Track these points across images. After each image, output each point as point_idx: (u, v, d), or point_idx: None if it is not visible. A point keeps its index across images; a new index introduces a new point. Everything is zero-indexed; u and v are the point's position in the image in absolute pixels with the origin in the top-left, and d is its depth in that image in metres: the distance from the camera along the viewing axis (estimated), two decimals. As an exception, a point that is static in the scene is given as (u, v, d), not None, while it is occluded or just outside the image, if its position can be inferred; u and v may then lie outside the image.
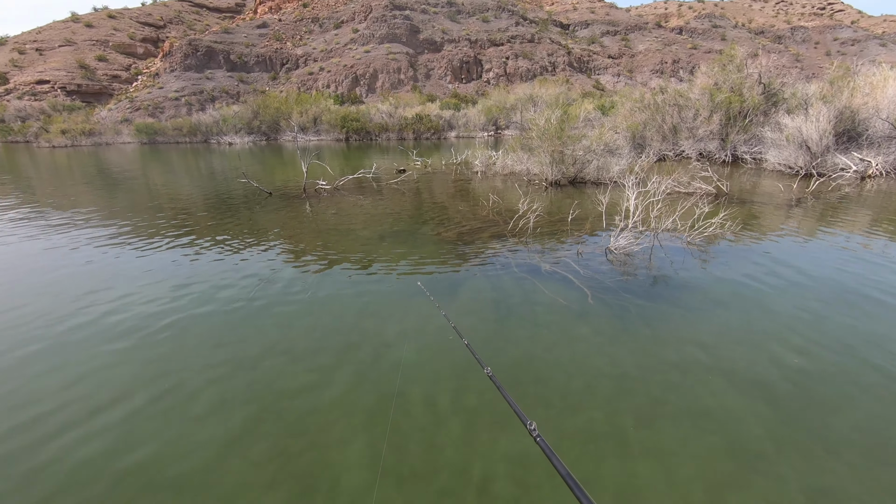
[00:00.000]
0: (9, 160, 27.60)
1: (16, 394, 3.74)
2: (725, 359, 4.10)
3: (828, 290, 5.55)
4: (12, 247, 8.01)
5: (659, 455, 3.01)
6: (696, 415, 3.38)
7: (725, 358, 4.11)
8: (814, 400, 3.55)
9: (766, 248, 7.16)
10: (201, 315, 5.13)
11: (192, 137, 44.15)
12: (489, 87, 72.49)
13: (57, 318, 5.09)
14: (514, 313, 5.06)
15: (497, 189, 13.08)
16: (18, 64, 68.12)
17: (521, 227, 8.39)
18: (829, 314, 4.95)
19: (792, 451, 3.03)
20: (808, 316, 4.90)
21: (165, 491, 2.79)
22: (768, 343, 4.36)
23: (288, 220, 9.82)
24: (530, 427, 1.68)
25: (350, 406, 3.53)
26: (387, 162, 21.40)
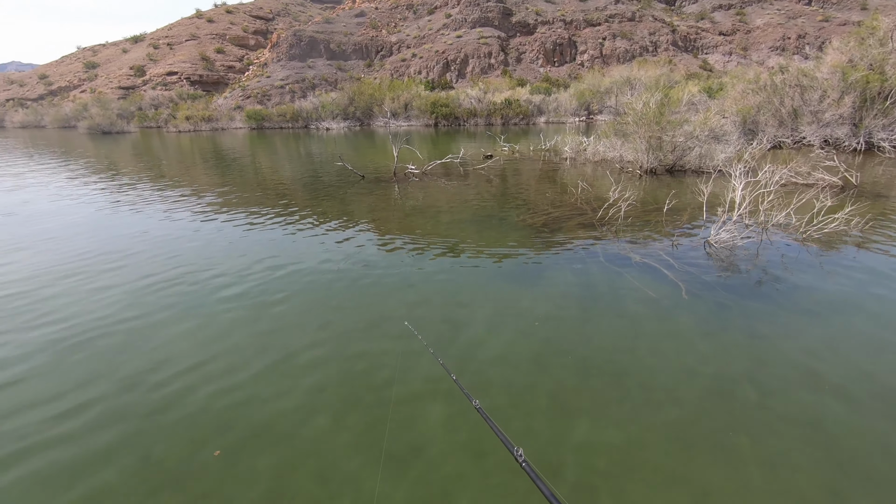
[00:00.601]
0: (144, 143, 31.49)
1: (157, 352, 4.35)
2: (839, 370, 3.69)
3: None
4: (139, 216, 9.20)
5: (753, 463, 2.81)
6: (801, 425, 3.10)
7: (840, 369, 3.70)
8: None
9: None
10: (301, 287, 5.57)
11: (293, 123, 47.29)
12: (583, 69, 69.42)
13: (182, 287, 5.79)
14: (598, 303, 4.93)
15: (587, 176, 12.62)
16: (153, 58, 77.11)
17: (611, 217, 8.06)
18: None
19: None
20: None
21: (278, 443, 3.11)
22: (889, 356, 3.85)
23: (378, 202, 10.26)
24: (517, 454, 1.67)
25: (434, 381, 3.68)
26: (474, 147, 21.45)
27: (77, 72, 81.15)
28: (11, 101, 74.34)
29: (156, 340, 4.39)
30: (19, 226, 8.84)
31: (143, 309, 5.05)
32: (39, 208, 10.45)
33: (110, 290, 5.58)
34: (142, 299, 5.29)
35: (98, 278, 5.96)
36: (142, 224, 8.75)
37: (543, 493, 1.45)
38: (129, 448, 3.04)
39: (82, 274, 6.13)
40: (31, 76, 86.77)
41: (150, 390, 3.63)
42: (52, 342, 4.39)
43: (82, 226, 8.72)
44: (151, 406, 3.45)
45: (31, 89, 79.01)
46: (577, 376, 3.67)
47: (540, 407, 3.34)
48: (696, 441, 2.99)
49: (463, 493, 2.66)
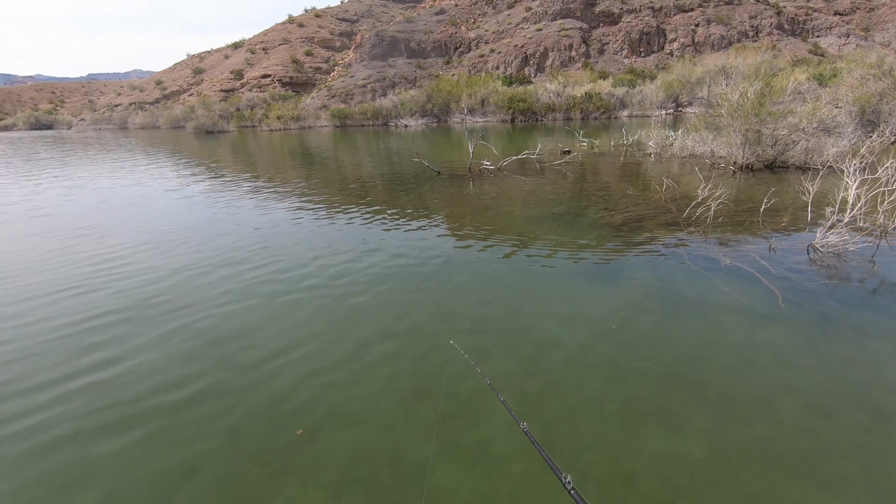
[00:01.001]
0: (241, 141, 34.16)
1: (247, 336, 4.73)
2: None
3: None
4: (233, 209, 9.99)
5: (861, 491, 2.52)
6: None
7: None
8: None
9: None
10: (377, 280, 5.78)
11: (374, 120, 48.99)
12: (672, 59, 65.22)
13: (270, 276, 6.23)
14: (681, 307, 4.64)
15: (672, 173, 11.88)
16: (250, 62, 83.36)
17: (699, 216, 7.54)
18: None
19: None
20: None
21: (354, 427, 3.28)
22: None
23: (453, 197, 10.36)
24: (565, 480, 1.54)
25: (504, 377, 3.67)
26: (551, 143, 20.97)
27: (186, 77, 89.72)
28: (133, 105, 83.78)
29: (246, 325, 4.77)
30: (143, 221, 9.98)
31: (235, 295, 5.49)
32: (152, 204, 11.71)
33: (208, 276, 6.14)
34: (234, 286, 5.76)
35: (199, 267, 6.58)
36: (235, 217, 9.51)
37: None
38: (221, 422, 3.34)
39: (191, 265, 6.79)
40: (150, 82, 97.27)
41: (242, 371, 3.95)
42: (162, 323, 4.91)
43: (189, 219, 9.67)
44: (242, 385, 3.76)
45: (149, 94, 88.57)
46: (654, 383, 3.49)
47: (614, 412, 3.22)
48: (789, 462, 2.74)
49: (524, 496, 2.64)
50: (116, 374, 3.94)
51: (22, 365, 4.13)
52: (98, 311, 5.16)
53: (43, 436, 3.24)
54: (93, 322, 4.90)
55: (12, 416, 3.46)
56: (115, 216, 10.01)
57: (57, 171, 19.31)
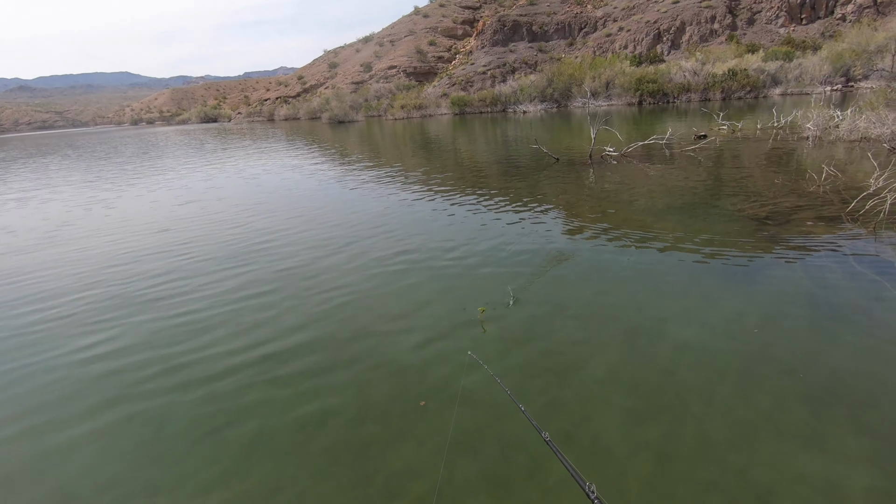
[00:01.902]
0: (368, 130, 36.50)
1: (371, 310, 5.12)
2: None
3: None
4: (356, 192, 10.73)
5: None
6: None
7: None
8: None
9: None
10: (486, 265, 5.86)
11: (493, 107, 48.94)
12: (843, 25, 55.30)
13: (384, 257, 6.64)
14: (840, 316, 4.02)
15: (836, 159, 10.16)
16: (378, 55, 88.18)
17: (870, 210, 6.37)
18: None
19: None
20: None
21: (472, 407, 3.42)
22: None
23: (571, 186, 10.02)
24: (589, 490, 1.46)
25: (615, 374, 3.53)
26: (684, 127, 19.13)
27: (323, 71, 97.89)
28: (279, 99, 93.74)
29: (376, 300, 5.16)
30: (290, 200, 11.26)
31: (362, 272, 5.96)
32: (297, 188, 13.09)
33: (336, 256, 6.73)
34: (357, 263, 6.25)
35: (325, 245, 7.24)
36: (360, 199, 10.25)
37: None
38: (350, 384, 3.68)
39: (326, 242, 7.52)
40: (292, 78, 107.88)
41: (368, 342, 4.30)
42: (303, 294, 5.52)
43: (324, 201, 10.66)
44: (368, 354, 4.09)
45: (292, 88, 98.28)
46: (802, 398, 3.09)
47: (747, 423, 2.92)
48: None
49: (642, 494, 2.52)
50: (263, 338, 4.54)
51: (220, 327, 4.97)
52: (259, 280, 5.98)
53: (226, 383, 3.87)
54: (252, 292, 5.70)
55: (184, 363, 4.18)
56: (267, 198, 11.43)
57: (222, 158, 22.48)
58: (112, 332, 4.85)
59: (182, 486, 2.83)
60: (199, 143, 35.32)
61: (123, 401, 3.68)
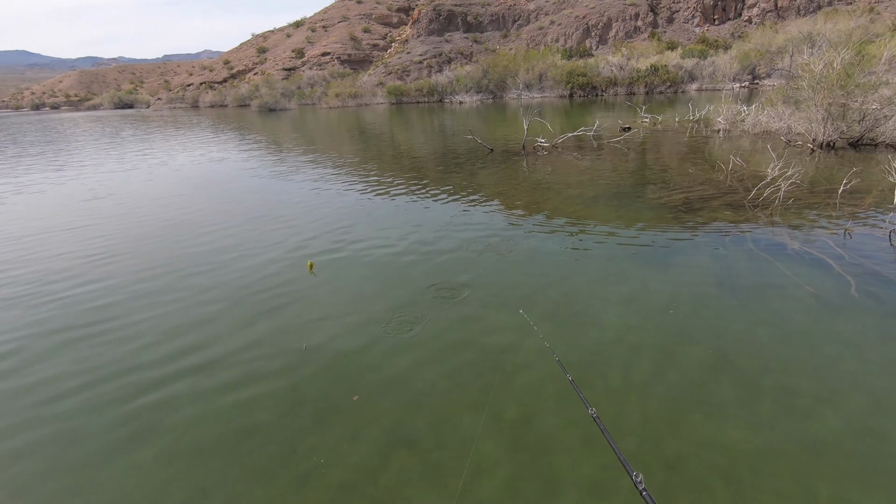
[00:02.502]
0: (301, 119, 35.25)
1: (302, 305, 5.01)
2: None
3: None
4: (293, 183, 10.42)
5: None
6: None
7: None
8: None
9: None
10: (423, 258, 5.91)
11: (429, 97, 48.89)
12: (750, 27, 60.16)
13: (322, 251, 6.52)
14: (741, 296, 4.44)
15: (742, 151, 11.13)
16: (311, 40, 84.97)
17: (768, 197, 7.06)
18: None
19: None
20: None
21: (403, 393, 3.45)
22: None
23: (506, 175, 10.27)
24: (636, 479, 1.48)
25: (547, 355, 3.70)
26: (610, 119, 20.12)
27: (251, 56, 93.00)
28: (203, 85, 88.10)
29: (302, 293, 5.05)
30: (213, 187, 10.67)
31: (286, 264, 5.81)
32: (221, 179, 12.44)
33: (271, 251, 6.51)
34: (285, 257, 6.09)
35: (259, 240, 6.99)
36: (296, 191, 9.94)
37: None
38: (283, 384, 3.60)
39: (250, 233, 7.23)
40: (218, 62, 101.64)
41: (302, 338, 4.22)
42: (233, 291, 5.30)
43: (257, 194, 10.22)
44: (301, 352, 4.02)
45: (218, 73, 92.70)
46: (707, 371, 3.39)
47: (659, 396, 3.18)
48: (849, 461, 2.60)
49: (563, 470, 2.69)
50: (192, 343, 4.33)
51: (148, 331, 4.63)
52: (190, 275, 5.66)
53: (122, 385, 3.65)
54: (177, 295, 5.38)
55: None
56: (194, 191, 10.76)
57: (140, 147, 20.87)
58: (14, 345, 4.42)
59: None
60: (114, 132, 32.54)
61: (34, 423, 3.36)
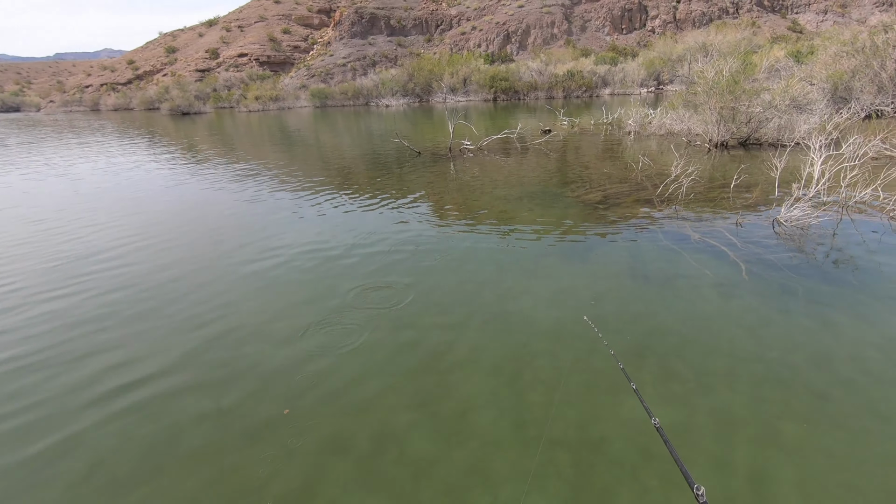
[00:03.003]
0: (218, 123, 33.39)
1: (224, 319, 4.75)
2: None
3: None
4: (209, 193, 9.87)
5: (810, 454, 2.68)
6: (870, 419, 2.90)
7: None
8: None
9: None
10: (354, 259, 5.82)
11: (355, 100, 48.27)
12: (653, 36, 65.15)
13: (247, 260, 6.22)
14: (652, 283, 4.79)
15: (650, 151, 12.02)
16: (226, 40, 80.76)
17: (673, 193, 7.69)
18: None
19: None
20: None
21: (343, 400, 3.36)
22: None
23: (434, 178, 10.36)
24: (698, 492, 1.45)
25: (478, 354, 3.78)
26: (533, 122, 20.94)
27: (160, 56, 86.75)
28: (105, 86, 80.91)
29: (230, 307, 4.79)
30: (117, 200, 9.80)
31: (217, 278, 5.49)
32: (131, 189, 11.48)
33: (180, 264, 6.11)
34: (211, 267, 5.75)
35: (169, 247, 6.53)
36: (216, 199, 9.40)
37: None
38: (207, 398, 3.40)
39: (154, 244, 6.74)
40: (121, 62, 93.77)
41: (225, 351, 3.99)
42: (131, 304, 4.91)
43: (173, 204, 9.52)
44: (227, 366, 3.80)
45: (121, 74, 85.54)
46: (627, 356, 3.62)
47: (585, 383, 3.35)
48: (744, 427, 2.89)
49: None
50: (109, 362, 3.95)
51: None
52: (88, 294, 5.13)
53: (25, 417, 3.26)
54: (89, 315, 4.88)
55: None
56: (100, 204, 9.82)
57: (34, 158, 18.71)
58: None
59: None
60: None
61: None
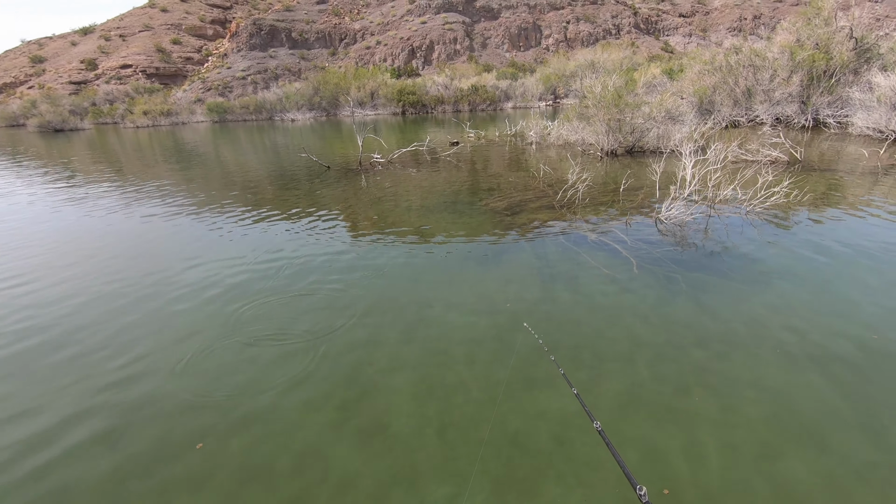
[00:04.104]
0: (101, 141, 30.26)
1: (126, 352, 4.35)
2: (778, 333, 3.98)
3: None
4: (91, 221, 8.98)
5: (699, 420, 3.04)
6: (742, 385, 3.35)
7: (778, 332, 3.99)
8: (871, 378, 3.41)
9: (839, 222, 6.70)
10: (266, 283, 5.61)
11: (257, 115, 46.19)
12: (548, 54, 69.87)
13: (146, 287, 5.75)
14: (557, 281, 5.14)
15: (550, 160, 12.87)
16: (105, 50, 73.54)
17: (571, 198, 8.32)
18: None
19: (840, 426, 2.97)
20: (873, 295, 4.62)
21: (247, 423, 3.21)
22: (826, 320, 4.17)
23: (345, 192, 10.25)
24: (640, 493, 1.53)
25: (399, 363, 3.82)
26: (441, 135, 21.47)
27: (23, 66, 76.86)
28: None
29: (129, 340, 4.39)
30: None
31: (109, 305, 5.01)
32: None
33: (75, 296, 5.50)
34: (107, 300, 5.25)
35: (59, 281, 5.86)
36: (106, 224, 8.54)
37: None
38: (105, 442, 3.09)
39: (45, 277, 6.01)
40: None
41: (125, 387, 3.66)
42: (20, 345, 4.34)
43: (46, 227, 8.47)
44: (127, 402, 3.49)
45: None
46: (538, 351, 3.86)
47: (502, 382, 3.52)
48: (642, 405, 3.21)
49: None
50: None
51: None
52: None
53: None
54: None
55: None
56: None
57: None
58: None
59: None
60: None
61: None
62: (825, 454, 2.76)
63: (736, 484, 2.60)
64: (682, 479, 2.64)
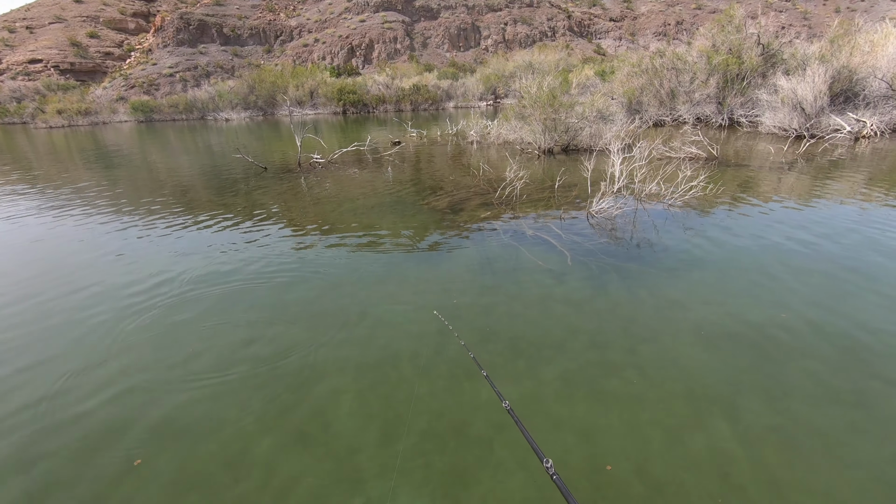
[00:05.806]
0: (7, 142, 27.62)
1: (57, 372, 4.05)
2: (696, 315, 4.32)
3: (805, 253, 5.76)
4: (15, 226, 8.26)
5: (625, 401, 3.26)
6: (663, 365, 3.62)
7: (696, 314, 4.34)
8: (779, 351, 3.79)
9: (751, 212, 7.33)
10: (210, 291, 5.39)
11: (188, 114, 43.81)
12: (487, 54, 71.06)
13: (79, 303, 5.37)
14: (498, 276, 5.30)
15: (490, 159, 13.16)
16: (9, 43, 66.94)
17: (509, 195, 8.56)
18: (800, 276, 5.16)
19: (749, 395, 3.28)
20: (782, 279, 5.12)
21: (184, 433, 3.10)
22: (739, 300, 4.58)
23: (283, 193, 10.00)
24: (547, 465, 1.60)
25: (341, 363, 3.82)
26: (383, 134, 21.35)
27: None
28: None
29: (53, 353, 4.09)
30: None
31: (38, 324, 4.64)
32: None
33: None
34: (32, 317, 4.85)
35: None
36: (23, 235, 7.85)
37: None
38: (28, 464, 2.88)
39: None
40: None
41: (44, 417, 3.42)
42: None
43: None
44: (54, 418, 3.26)
45: None
46: (480, 343, 3.98)
47: (444, 374, 3.60)
48: (578, 388, 3.40)
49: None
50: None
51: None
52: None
53: None
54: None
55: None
56: None
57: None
58: None
59: None
60: None
61: None
62: (737, 421, 3.05)
63: (663, 453, 2.82)
64: (621, 454, 2.83)
